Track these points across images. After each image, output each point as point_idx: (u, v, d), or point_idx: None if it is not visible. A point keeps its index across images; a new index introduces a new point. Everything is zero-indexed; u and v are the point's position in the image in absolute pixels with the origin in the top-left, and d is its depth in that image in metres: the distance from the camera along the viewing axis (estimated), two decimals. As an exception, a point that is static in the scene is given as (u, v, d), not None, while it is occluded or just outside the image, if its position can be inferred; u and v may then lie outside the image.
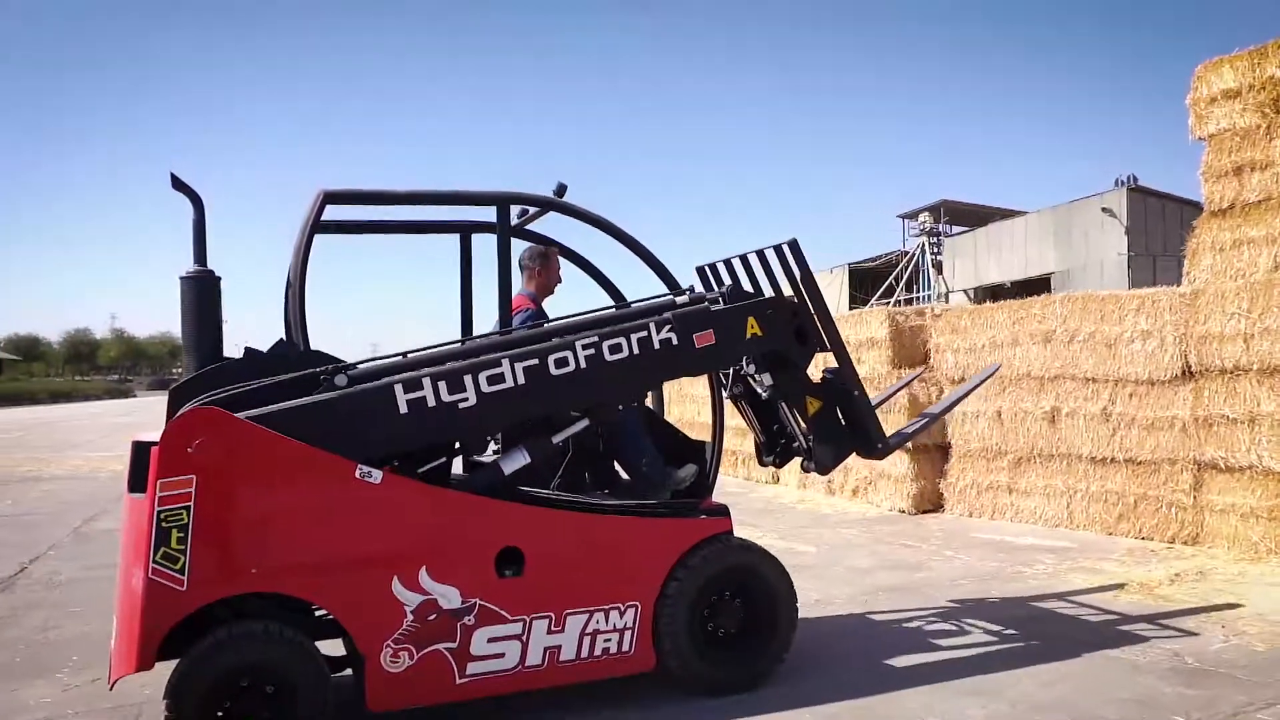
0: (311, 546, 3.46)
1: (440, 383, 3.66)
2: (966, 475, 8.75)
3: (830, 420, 4.57)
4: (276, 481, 3.42)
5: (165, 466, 3.24)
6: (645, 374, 4.11)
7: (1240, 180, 7.97)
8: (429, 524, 3.65)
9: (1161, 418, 7.26)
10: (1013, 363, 8.30)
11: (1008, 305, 8.37)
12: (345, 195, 4.11)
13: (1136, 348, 7.35)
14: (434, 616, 3.58)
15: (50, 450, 17.92)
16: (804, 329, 4.42)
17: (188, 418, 3.33)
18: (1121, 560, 6.70)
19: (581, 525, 3.94)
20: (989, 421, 8.52)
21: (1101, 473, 7.72)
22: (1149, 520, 7.38)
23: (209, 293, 3.87)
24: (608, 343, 3.94)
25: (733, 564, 4.14)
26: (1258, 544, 6.62)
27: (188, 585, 3.24)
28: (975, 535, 7.79)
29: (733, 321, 4.23)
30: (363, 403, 3.59)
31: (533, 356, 3.82)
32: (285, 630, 3.40)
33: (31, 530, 8.88)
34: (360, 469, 3.49)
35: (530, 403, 3.85)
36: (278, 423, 3.43)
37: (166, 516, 3.22)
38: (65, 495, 11.39)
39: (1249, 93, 7.92)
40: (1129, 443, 7.49)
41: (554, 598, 3.80)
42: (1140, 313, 7.33)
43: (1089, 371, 7.71)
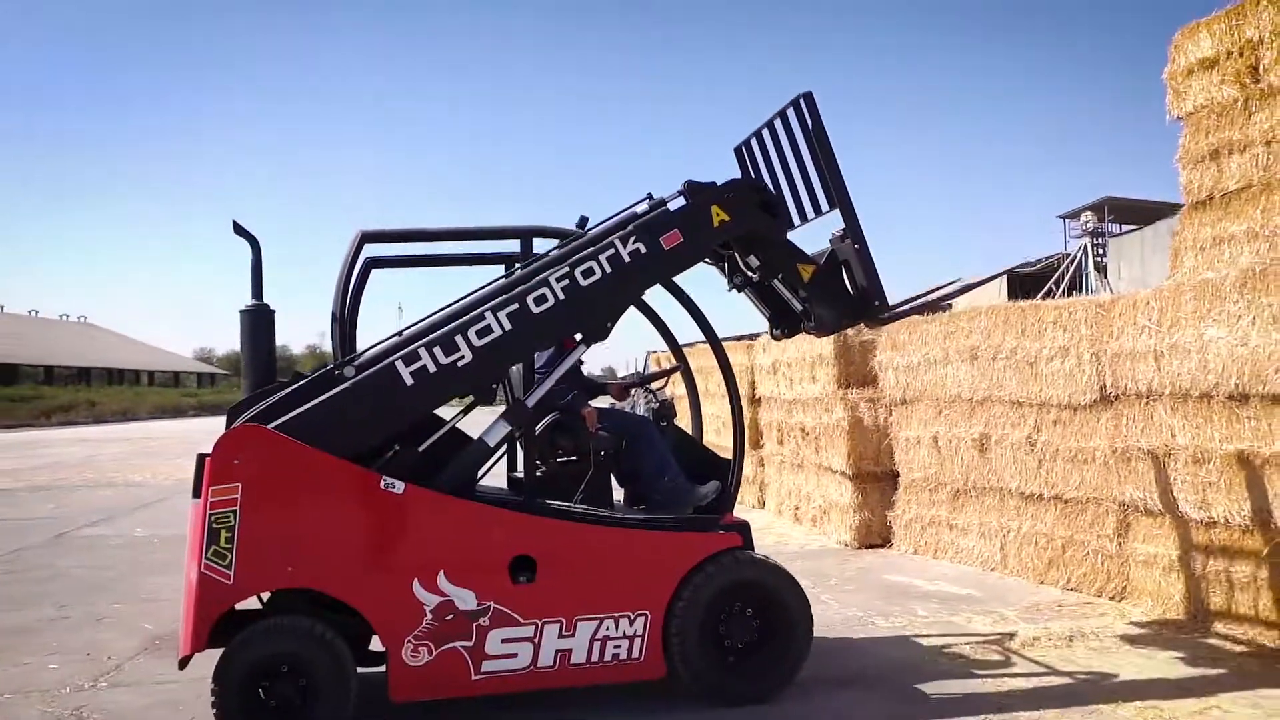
0: (340, 549, 3.81)
1: (435, 349, 3.95)
2: (912, 508, 7.84)
3: (828, 281, 4.56)
4: (309, 490, 3.79)
5: (215, 476, 3.68)
6: (625, 288, 4.25)
7: (1219, 165, 6.71)
8: (447, 531, 3.95)
9: (1085, 449, 6.19)
10: (945, 384, 7.36)
11: (940, 318, 7.42)
12: (382, 235, 4.57)
13: (1056, 366, 6.31)
14: (451, 617, 3.86)
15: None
16: (770, 202, 4.48)
17: (234, 434, 3.80)
18: (1007, 615, 5.75)
19: (592, 536, 4.14)
20: (928, 448, 7.59)
21: (1033, 511, 6.69)
22: (1077, 569, 6.30)
23: (264, 324, 4.39)
24: (580, 269, 4.10)
25: (745, 578, 4.24)
26: (1179, 602, 5.50)
27: (234, 579, 3.65)
28: (885, 577, 6.95)
29: (696, 214, 4.30)
30: (373, 385, 3.93)
31: (513, 302, 4.04)
32: (313, 624, 3.75)
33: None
34: (384, 480, 3.83)
35: (523, 343, 4.14)
36: (305, 422, 3.81)
37: (216, 519, 3.65)
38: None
39: (1226, 60, 6.65)
40: (1054, 477, 6.44)
41: (565, 604, 4.01)
42: (1057, 326, 6.28)
43: (1014, 394, 6.70)
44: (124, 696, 4.49)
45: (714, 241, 4.45)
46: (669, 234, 4.23)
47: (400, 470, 3.93)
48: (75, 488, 13.84)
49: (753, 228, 4.44)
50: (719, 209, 4.32)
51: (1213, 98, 6.71)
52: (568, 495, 4.39)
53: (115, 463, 18.37)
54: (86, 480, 14.97)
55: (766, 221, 4.46)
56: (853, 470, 8.13)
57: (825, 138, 4.39)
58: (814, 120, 4.37)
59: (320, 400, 3.90)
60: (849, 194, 4.43)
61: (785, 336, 5.11)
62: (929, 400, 7.55)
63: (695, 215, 4.30)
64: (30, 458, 20.08)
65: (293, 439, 3.75)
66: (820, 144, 4.38)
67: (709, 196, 4.33)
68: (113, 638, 5.50)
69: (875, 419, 8.12)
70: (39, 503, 12.07)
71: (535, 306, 4.05)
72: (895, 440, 7.97)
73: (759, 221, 4.44)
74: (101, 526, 9.97)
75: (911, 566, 7.33)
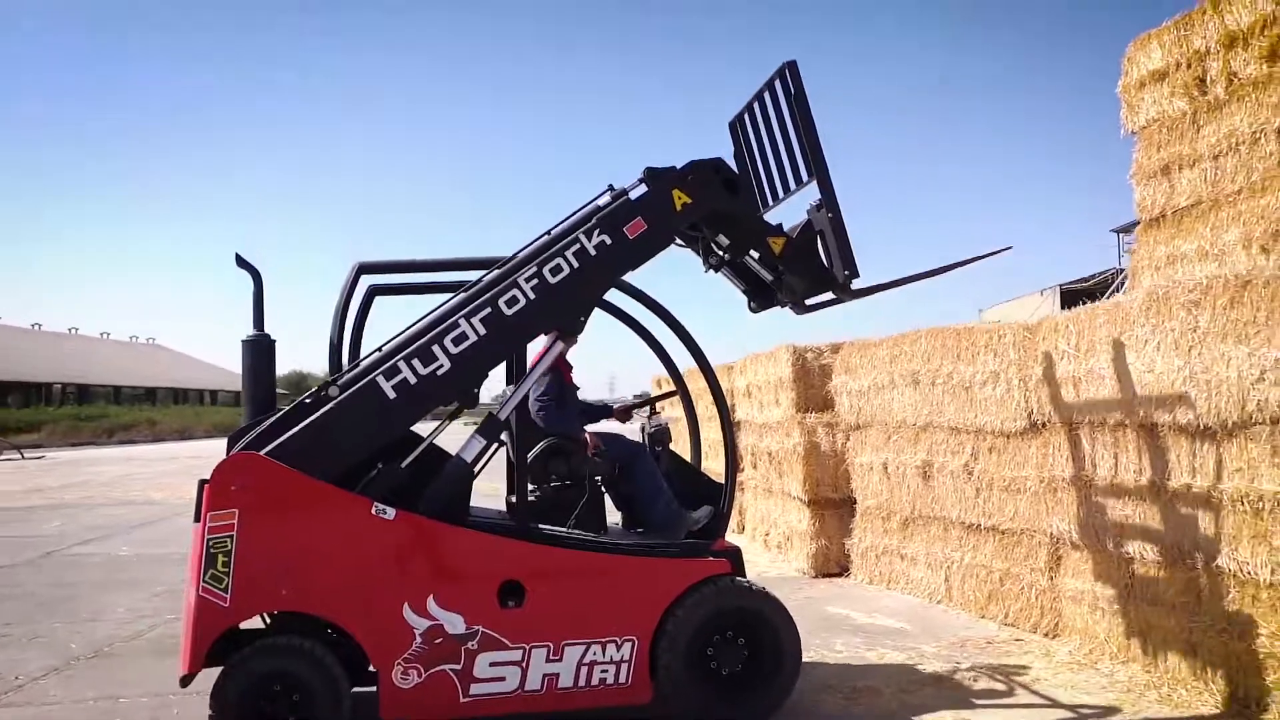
0: (332, 573, 3.91)
1: (414, 361, 4.03)
2: (868, 536, 7.62)
3: (800, 254, 4.54)
4: (303, 516, 3.90)
5: (213, 501, 3.80)
6: (595, 281, 4.29)
7: (1170, 181, 6.48)
8: (436, 556, 4.02)
9: (1017, 478, 5.95)
10: (891, 409, 7.16)
11: (887, 341, 7.23)
12: (377, 266, 4.76)
13: (989, 392, 6.09)
14: (440, 640, 3.94)
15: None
16: (731, 180, 4.47)
17: (232, 461, 3.92)
18: (926, 652, 5.54)
19: (580, 562, 4.19)
20: (880, 475, 7.39)
21: (974, 542, 6.44)
22: (1014, 603, 6.05)
23: (265, 354, 4.49)
24: (547, 268, 4.15)
25: (733, 605, 4.26)
26: (1104, 642, 5.23)
27: (230, 602, 3.76)
28: (826, 609, 6.75)
29: (658, 200, 4.32)
30: (356, 403, 4.02)
31: (485, 306, 4.10)
32: (306, 644, 3.86)
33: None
34: (375, 506, 3.91)
35: (500, 346, 4.19)
36: (295, 444, 3.92)
37: (214, 544, 3.76)
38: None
39: (1175, 72, 6.41)
40: (991, 507, 6.20)
41: (552, 629, 4.07)
42: (988, 350, 6.06)
43: (952, 420, 6.48)
44: (3, 716, 4.59)
45: (679, 225, 4.45)
46: (632, 223, 4.26)
47: (384, 487, 4.03)
48: (93, 506, 14.32)
49: (716, 207, 4.45)
50: (680, 192, 4.34)
51: (1164, 111, 6.49)
52: (562, 520, 4.44)
53: (145, 481, 18.97)
54: (109, 498, 15.48)
55: (728, 199, 4.45)
56: (809, 496, 7.96)
57: (806, 107, 4.39)
58: (796, 89, 4.39)
59: (308, 422, 4.00)
60: (826, 163, 4.42)
61: (761, 309, 5.06)
62: (879, 426, 7.35)
63: (657, 201, 4.32)
64: (70, 475, 20.88)
65: (287, 466, 3.85)
66: (801, 113, 4.39)
67: (669, 181, 4.34)
68: (32, 657, 5.64)
69: (833, 444, 7.94)
70: (48, 520, 12.52)
71: (508, 308, 4.11)
72: (851, 466, 7.78)
73: (721, 200, 4.44)
74: (93, 545, 10.28)
75: (860, 597, 7.12)
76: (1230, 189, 5.95)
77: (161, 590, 7.60)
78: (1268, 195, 5.66)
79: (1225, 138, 5.99)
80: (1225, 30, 6.00)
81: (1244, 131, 5.83)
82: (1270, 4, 5.70)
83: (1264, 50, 5.74)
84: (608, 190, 4.45)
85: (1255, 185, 5.75)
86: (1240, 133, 5.86)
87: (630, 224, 4.27)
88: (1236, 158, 5.93)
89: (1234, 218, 5.90)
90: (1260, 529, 4.15)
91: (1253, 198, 5.78)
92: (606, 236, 4.22)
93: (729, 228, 4.57)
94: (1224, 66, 6.03)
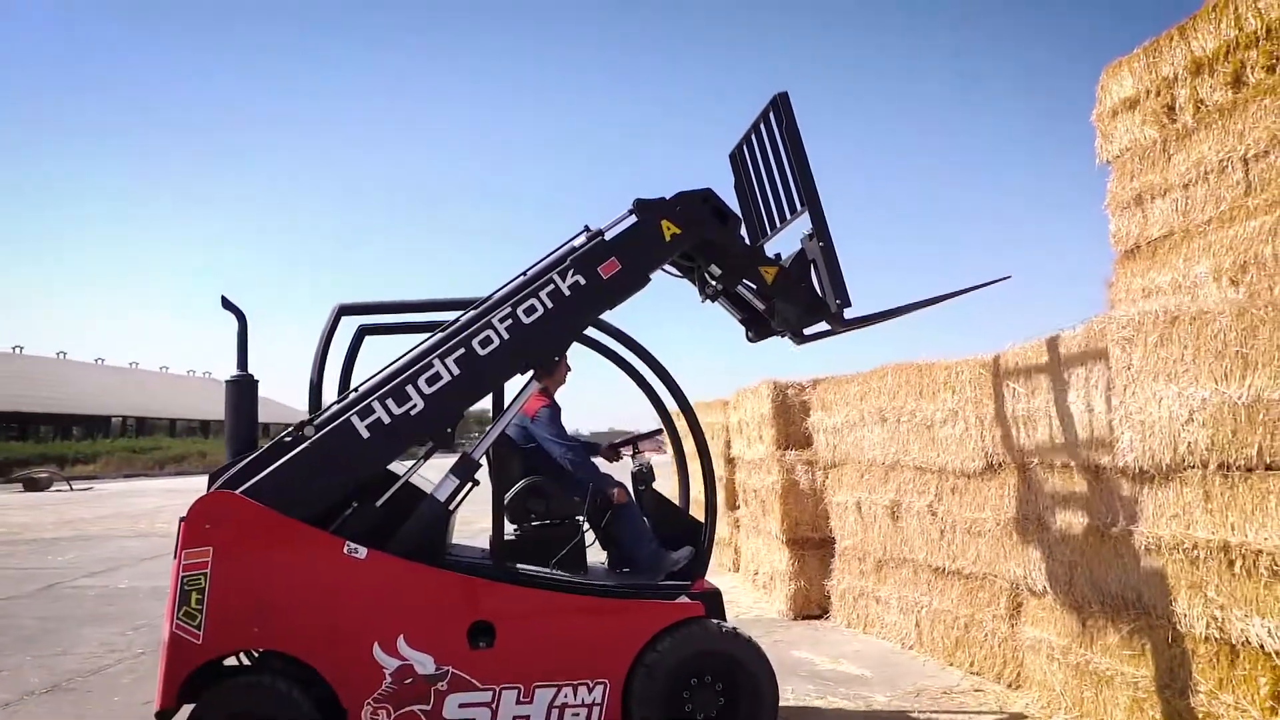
0: (303, 612, 3.92)
1: (388, 400, 4.06)
2: (845, 578, 7.41)
3: (792, 282, 4.55)
4: (276, 555, 3.93)
5: (188, 539, 3.86)
6: (567, 322, 4.28)
7: (1144, 211, 6.25)
8: (406, 596, 4.02)
9: (977, 519, 5.73)
10: (863, 447, 6.98)
11: (858, 378, 7.07)
12: (359, 307, 4.80)
13: (948, 431, 5.90)
14: (410, 680, 3.94)
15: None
16: (721, 210, 4.47)
17: (207, 499, 3.96)
18: (877, 701, 5.33)
19: (551, 603, 4.15)
20: (854, 515, 7.19)
21: (941, 585, 6.22)
22: (979, 650, 5.80)
23: (248, 394, 4.53)
24: (522, 308, 4.17)
25: (708, 649, 4.20)
26: (1060, 694, 4.97)
27: (203, 639, 3.80)
28: (792, 653, 6.55)
29: (647, 231, 4.33)
30: (331, 442, 4.05)
31: (459, 347, 4.12)
32: (277, 681, 3.87)
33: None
34: (347, 546, 3.94)
35: (472, 387, 4.18)
36: (271, 483, 3.95)
37: (188, 581, 3.81)
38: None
39: (1146, 99, 6.21)
40: (955, 549, 5.98)
41: (523, 670, 4.04)
42: (947, 387, 5.89)
43: (916, 459, 6.29)
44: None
45: (667, 255, 4.45)
46: (606, 263, 4.25)
47: (359, 526, 4.04)
48: (112, 538, 14.65)
49: (706, 237, 4.45)
50: (669, 223, 4.34)
51: (1136, 139, 6.29)
52: (544, 559, 4.41)
53: (174, 513, 19.23)
54: (132, 530, 15.83)
55: (718, 229, 4.46)
56: (787, 536, 7.78)
57: (797, 137, 4.43)
58: (787, 120, 4.44)
59: (283, 461, 4.03)
60: (817, 192, 4.43)
61: (759, 339, 5.05)
62: (853, 464, 7.18)
63: (645, 232, 4.33)
64: (106, 507, 21.44)
65: (261, 505, 3.89)
66: (792, 143, 4.43)
67: (658, 212, 4.36)
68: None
69: (812, 482, 7.76)
70: (65, 552, 12.84)
71: (481, 348, 4.12)
72: (829, 505, 7.59)
73: (711, 230, 4.44)
74: (98, 578, 10.50)
75: (831, 641, 6.90)
76: (1200, 219, 5.72)
77: (142, 624, 7.71)
78: (1235, 225, 5.42)
79: (1194, 166, 5.77)
80: (1192, 56, 5.81)
81: (1211, 160, 5.62)
82: (1234, 30, 5.52)
83: (1228, 76, 5.54)
84: (584, 231, 4.43)
85: (1224, 215, 5.52)
86: (1209, 161, 5.65)
87: (604, 264, 4.26)
88: (1206, 187, 5.71)
89: (1204, 249, 5.67)
90: (1196, 578, 3.92)
91: (1222, 228, 5.54)
92: (580, 277, 4.22)
93: (720, 257, 4.58)
94: (1191, 93, 5.84)
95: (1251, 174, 5.34)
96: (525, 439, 4.88)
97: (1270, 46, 5.26)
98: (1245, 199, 5.37)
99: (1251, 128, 5.30)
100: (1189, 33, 5.80)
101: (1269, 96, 5.20)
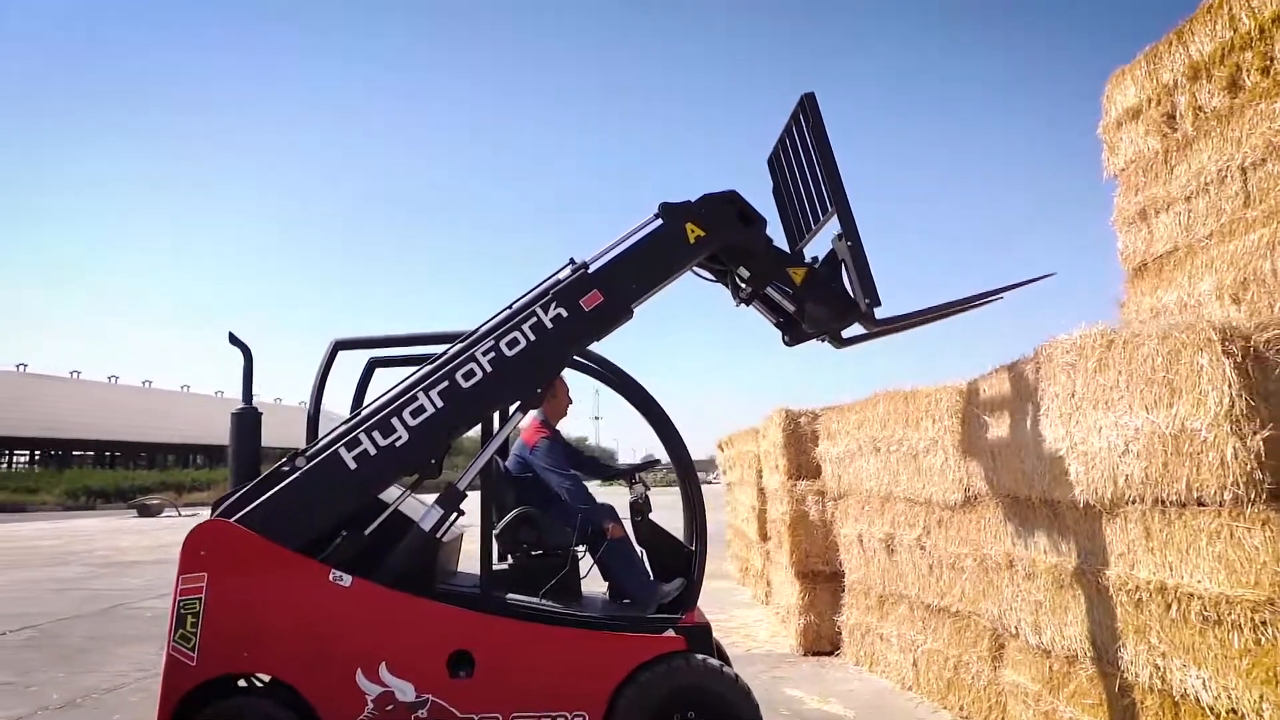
0: (290, 637, 4.05)
1: (374, 433, 4.17)
2: (854, 613, 7.14)
3: (822, 283, 4.56)
4: (265, 581, 4.07)
5: (184, 565, 4.03)
6: (551, 354, 4.31)
7: (1149, 227, 5.90)
8: (390, 624, 4.10)
9: (959, 555, 5.46)
10: (861, 478, 6.74)
11: (856, 405, 6.84)
12: (354, 342, 4.95)
13: (931, 461, 5.65)
14: (391, 707, 4.04)
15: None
16: (745, 212, 4.48)
17: (203, 527, 4.13)
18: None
19: (530, 634, 4.17)
20: (858, 548, 6.94)
21: (934, 623, 5.93)
22: (967, 693, 5.49)
23: (251, 425, 4.68)
24: (504, 341, 4.25)
25: (690, 684, 4.13)
26: (1036, 745, 4.66)
27: (197, 662, 3.95)
28: (785, 690, 6.34)
29: (670, 235, 4.37)
30: (320, 473, 4.17)
31: (443, 380, 4.22)
32: (263, 704, 4.03)
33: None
34: (333, 573, 4.07)
35: (456, 419, 4.25)
36: (263, 513, 4.10)
37: (184, 605, 3.98)
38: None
39: (1148, 109, 5.87)
40: (943, 585, 5.70)
41: (502, 700, 4.09)
42: (929, 416, 5.64)
43: (906, 490, 6.04)
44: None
45: (691, 258, 4.44)
46: (588, 296, 4.29)
47: (347, 555, 4.13)
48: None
49: (731, 239, 4.46)
50: (694, 225, 4.37)
51: (1140, 151, 5.95)
52: (536, 589, 4.42)
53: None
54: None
55: (742, 231, 4.46)
56: (797, 568, 7.57)
57: (824, 137, 4.43)
58: (814, 120, 4.45)
59: (275, 491, 4.15)
60: (844, 191, 4.40)
61: (795, 343, 4.97)
62: (856, 495, 6.94)
63: (669, 235, 4.37)
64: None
65: (253, 532, 4.04)
66: (818, 143, 4.42)
67: (683, 216, 4.39)
68: (7, 706, 6.10)
69: (822, 513, 7.54)
70: (141, 575, 13.58)
71: (464, 381, 4.19)
72: (838, 537, 7.35)
73: (735, 232, 4.45)
74: (164, 599, 11.04)
75: (832, 679, 6.65)
76: (1202, 233, 5.35)
77: (175, 645, 8.06)
78: (1235, 239, 5.05)
79: (1194, 177, 5.41)
80: (1190, 61, 5.46)
81: (1211, 171, 5.25)
82: (1229, 31, 5.16)
83: (1224, 81, 5.18)
84: (569, 263, 4.44)
85: (1224, 229, 5.15)
86: (1208, 172, 5.28)
87: (586, 297, 4.27)
88: (1206, 199, 5.34)
89: (1207, 265, 5.29)
90: (1140, 622, 3.64)
91: (1223, 242, 5.17)
92: (563, 309, 4.26)
93: (747, 260, 4.57)
94: (1191, 100, 5.48)
95: (1250, 184, 4.98)
96: (524, 469, 4.88)
97: (1264, 47, 4.91)
98: (1244, 210, 5.00)
99: (1248, 134, 4.96)
100: (1186, 36, 5.48)
101: (1264, 101, 4.85)
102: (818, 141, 4.43)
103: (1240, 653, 3.08)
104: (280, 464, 4.33)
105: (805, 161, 4.58)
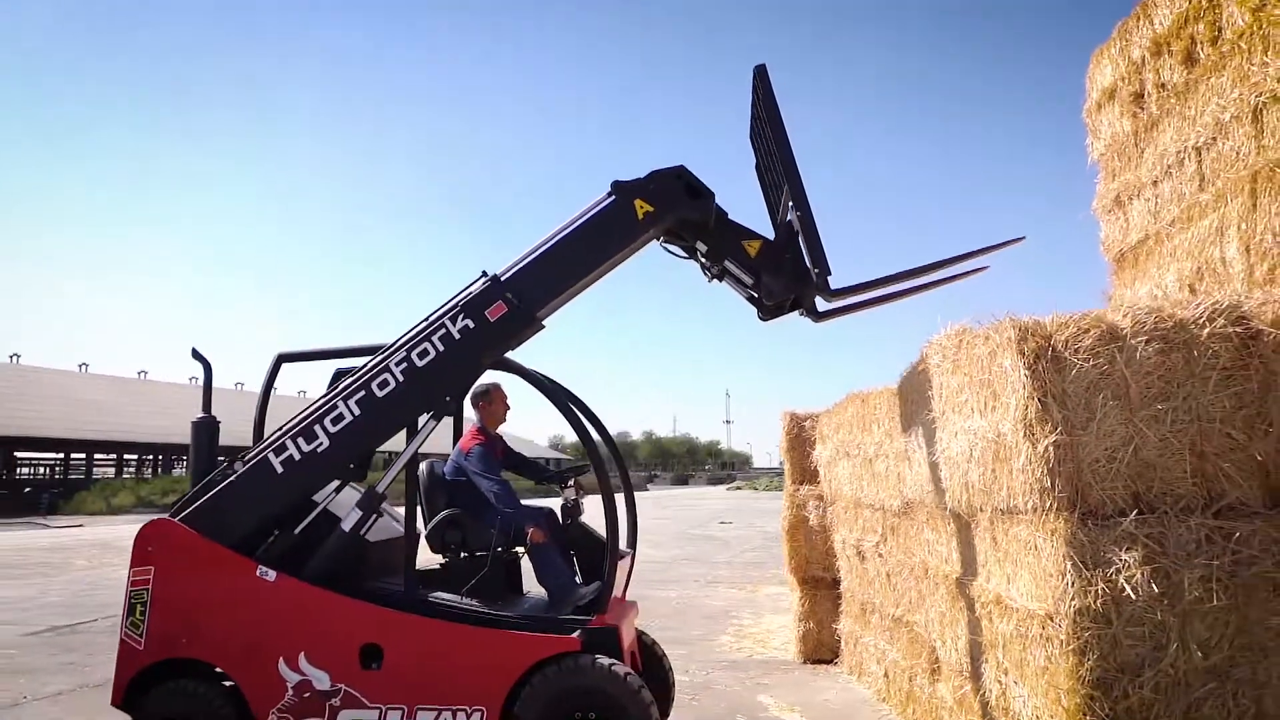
0: (221, 626, 4.42)
1: (299, 439, 4.49)
2: (846, 621, 6.95)
3: (776, 254, 4.60)
4: (202, 575, 4.45)
5: (135, 559, 4.47)
6: (460, 364, 4.52)
7: (1125, 214, 5.55)
8: (308, 617, 4.41)
9: (905, 563, 5.26)
10: (841, 483, 6.56)
11: (835, 409, 6.65)
12: (298, 355, 5.31)
13: (880, 467, 5.46)
14: (309, 695, 4.34)
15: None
16: (693, 186, 4.54)
17: (151, 525, 4.55)
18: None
19: (432, 630, 4.38)
20: (844, 554, 6.75)
21: (897, 633, 5.71)
22: (921, 708, 5.28)
23: (210, 434, 5.01)
24: (415, 352, 4.48)
25: (585, 685, 4.19)
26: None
27: (144, 646, 4.38)
28: (757, 698, 6.25)
29: (620, 212, 4.50)
30: (251, 477, 4.53)
31: (360, 389, 4.49)
32: (199, 687, 4.38)
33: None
34: (260, 569, 4.40)
35: (374, 426, 4.51)
36: (201, 512, 4.49)
37: (134, 595, 4.44)
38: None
39: (1121, 87, 5.51)
40: (898, 594, 5.50)
41: (407, 692, 4.33)
42: (876, 419, 5.45)
43: (868, 496, 5.86)
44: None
45: (640, 233, 4.52)
46: (493, 307, 4.45)
47: (279, 552, 4.47)
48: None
49: (681, 214, 4.52)
50: (642, 201, 4.48)
51: (1115, 133, 5.60)
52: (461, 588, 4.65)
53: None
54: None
55: (691, 204, 4.51)
56: (796, 575, 7.43)
57: (774, 108, 4.50)
58: (765, 91, 4.54)
59: (214, 492, 4.52)
60: (794, 160, 4.46)
61: (769, 318, 4.85)
62: (841, 501, 6.76)
63: (617, 213, 4.48)
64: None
65: (193, 530, 4.43)
66: (769, 115, 4.50)
67: (631, 192, 4.50)
68: (59, 681, 6.81)
69: (822, 519, 7.37)
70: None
71: (379, 390, 4.44)
72: (833, 544, 7.17)
73: (684, 207, 4.51)
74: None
75: (812, 688, 6.51)
76: (1167, 220, 4.97)
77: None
78: (1192, 226, 4.67)
79: (1159, 160, 5.03)
80: (1154, 34, 5.09)
81: (1171, 153, 4.87)
82: (1185, 1, 4.76)
83: (1181, 54, 4.80)
84: (481, 275, 4.59)
85: (1184, 215, 4.76)
86: (1169, 153, 4.91)
87: (491, 308, 4.44)
88: (1170, 183, 4.95)
89: (1170, 254, 4.91)
90: (992, 637, 3.45)
91: (1184, 229, 4.79)
92: (470, 320, 4.45)
93: (704, 234, 4.61)
94: (1155, 77, 5.11)
95: (1204, 165, 4.63)
96: (459, 474, 5.15)
97: (1213, 16, 4.54)
98: (1199, 194, 4.63)
99: (1200, 113, 4.60)
100: (1150, 8, 5.12)
101: (1213, 75, 4.49)
102: (768, 112, 4.45)
103: (1038, 670, 2.89)
104: (223, 467, 4.69)
105: (766, 134, 4.59)
